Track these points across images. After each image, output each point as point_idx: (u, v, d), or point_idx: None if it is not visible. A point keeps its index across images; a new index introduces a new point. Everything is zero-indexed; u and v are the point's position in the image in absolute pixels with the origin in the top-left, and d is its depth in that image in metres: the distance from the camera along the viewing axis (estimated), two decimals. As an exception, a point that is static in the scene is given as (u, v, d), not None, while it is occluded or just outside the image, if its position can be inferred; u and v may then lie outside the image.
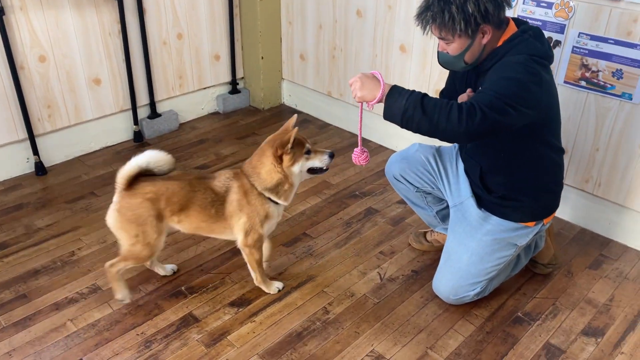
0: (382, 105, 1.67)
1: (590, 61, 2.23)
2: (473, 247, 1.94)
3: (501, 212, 1.93)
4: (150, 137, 3.23)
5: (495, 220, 1.93)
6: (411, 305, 2.05)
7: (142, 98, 3.16)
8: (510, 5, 1.70)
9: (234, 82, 3.57)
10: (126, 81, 3.04)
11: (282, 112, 3.63)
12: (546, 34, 2.32)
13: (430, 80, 2.82)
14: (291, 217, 2.54)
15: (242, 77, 3.65)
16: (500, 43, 1.73)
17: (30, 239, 2.36)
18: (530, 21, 2.35)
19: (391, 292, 2.11)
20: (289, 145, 1.83)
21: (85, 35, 2.81)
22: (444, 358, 1.84)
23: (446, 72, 2.10)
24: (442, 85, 2.74)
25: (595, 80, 2.24)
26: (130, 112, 3.13)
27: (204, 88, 3.47)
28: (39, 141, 2.82)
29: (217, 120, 3.49)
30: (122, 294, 1.97)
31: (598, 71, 2.22)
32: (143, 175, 1.85)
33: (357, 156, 1.83)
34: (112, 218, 1.86)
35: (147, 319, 1.97)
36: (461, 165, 2.05)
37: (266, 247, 2.14)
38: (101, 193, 2.70)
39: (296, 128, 1.85)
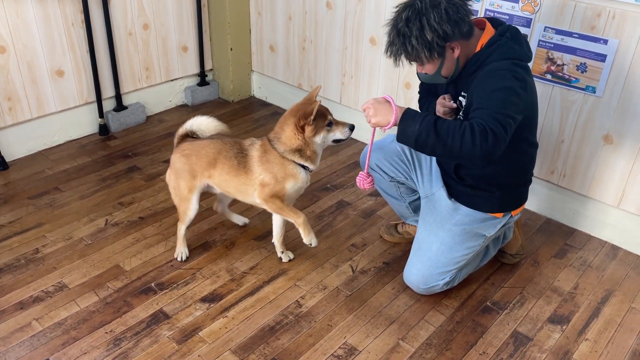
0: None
1: (556, 55, 2.27)
2: (442, 236, 1.97)
3: (471, 201, 1.96)
4: (116, 130, 3.15)
5: (464, 210, 1.96)
6: (383, 296, 2.07)
7: (108, 90, 3.08)
8: (471, 14, 1.72)
9: (202, 74, 3.52)
10: (90, 73, 2.95)
11: (251, 104, 3.59)
12: (513, 27, 2.35)
13: (400, 73, 2.83)
14: (262, 210, 2.53)
15: (211, 69, 3.60)
16: (478, 48, 1.74)
17: (-9, 237, 2.29)
18: (497, 15, 2.38)
19: (363, 285, 2.12)
20: (312, 117, 1.89)
21: (47, 25, 2.72)
22: (416, 348, 1.86)
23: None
24: (412, 78, 2.76)
25: (561, 74, 2.29)
26: (95, 105, 3.05)
27: (172, 80, 3.40)
28: (-1, 135, 2.72)
29: (186, 112, 3.43)
30: (178, 251, 2.21)
31: (563, 65, 2.27)
32: (190, 137, 2.13)
33: (362, 180, 1.90)
34: (167, 173, 2.16)
35: (115, 316, 1.93)
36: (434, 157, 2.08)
37: (278, 225, 2.19)
38: (66, 188, 2.63)
39: (319, 100, 1.93)
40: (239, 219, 2.41)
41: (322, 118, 1.95)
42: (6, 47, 2.61)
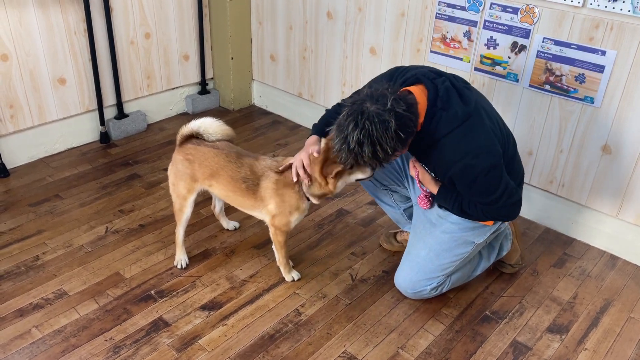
0: None
1: (554, 65, 2.29)
2: (431, 243, 1.99)
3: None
4: (117, 138, 3.16)
5: (454, 218, 1.97)
6: (382, 305, 2.07)
7: (109, 98, 3.10)
8: (415, 117, 1.67)
9: (203, 83, 3.54)
10: (92, 81, 2.97)
11: (252, 113, 3.61)
12: (512, 38, 2.38)
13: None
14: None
15: (212, 78, 3.62)
16: (419, 127, 1.72)
17: (-8, 244, 2.29)
18: (496, 25, 2.41)
19: (363, 293, 2.13)
20: (332, 175, 1.89)
21: (49, 33, 2.74)
22: (415, 357, 1.86)
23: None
24: (412, 87, 2.77)
25: (559, 84, 2.30)
26: (97, 113, 3.07)
27: (173, 88, 3.42)
28: (0, 142, 2.73)
29: (186, 121, 3.39)
30: (177, 259, 2.22)
31: (561, 75, 2.29)
32: (197, 139, 2.10)
33: (421, 201, 2.03)
34: (168, 168, 2.15)
35: (115, 324, 1.93)
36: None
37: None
38: (66, 195, 2.63)
39: (341, 166, 1.87)
40: (229, 224, 2.44)
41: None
42: (9, 55, 2.63)
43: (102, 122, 3.09)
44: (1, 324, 1.91)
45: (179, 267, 2.20)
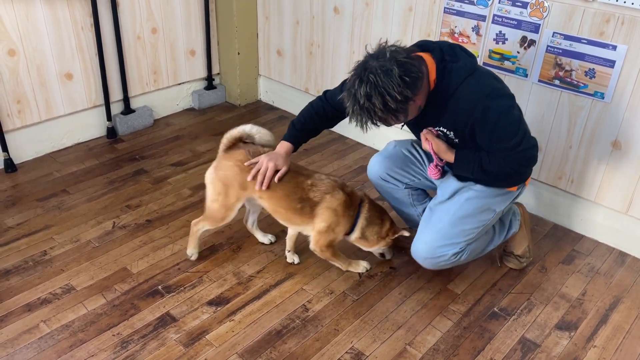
0: None
1: (564, 60, 2.27)
2: (454, 210, 1.98)
3: (484, 181, 1.97)
4: (124, 133, 3.16)
5: (478, 187, 1.98)
6: (390, 301, 2.06)
7: (116, 93, 3.10)
8: (419, 65, 1.72)
9: (209, 78, 3.53)
10: (99, 76, 2.97)
11: (258, 108, 3.60)
12: (521, 33, 2.36)
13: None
14: (269, 214, 2.52)
15: (218, 73, 3.61)
16: (432, 85, 1.77)
17: (0, 238, 2.29)
18: (505, 20, 2.39)
19: (370, 289, 2.12)
20: (396, 235, 2.11)
21: (56, 28, 2.74)
22: (423, 354, 1.85)
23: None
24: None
25: (569, 79, 2.28)
26: (103, 108, 3.07)
27: (179, 84, 3.42)
28: (8, 137, 2.73)
29: (193, 116, 3.45)
30: (191, 250, 2.18)
31: (571, 70, 2.26)
32: (244, 144, 2.05)
33: (431, 171, 2.02)
34: (209, 173, 2.06)
35: (123, 319, 1.93)
36: None
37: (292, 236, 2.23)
38: (73, 191, 2.64)
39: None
40: (265, 238, 2.33)
41: None
42: (16, 50, 2.63)
43: (109, 117, 3.09)
44: (9, 319, 1.91)
45: (192, 258, 2.19)
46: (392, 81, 1.63)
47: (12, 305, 1.97)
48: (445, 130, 1.89)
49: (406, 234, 2.11)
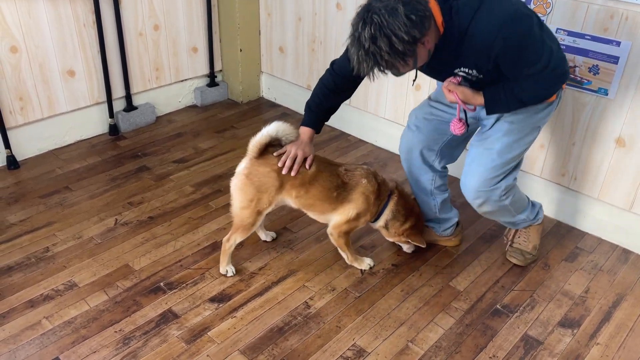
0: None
1: (568, 57, 2.26)
2: (502, 139, 1.91)
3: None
4: (126, 130, 3.16)
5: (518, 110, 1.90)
6: (392, 299, 2.06)
7: (118, 90, 3.10)
8: (426, 3, 1.63)
9: (212, 75, 3.53)
10: (101, 73, 2.97)
11: (260, 105, 3.60)
12: (524, 29, 2.34)
13: (410, 75, 2.82)
14: (272, 211, 2.52)
15: (221, 70, 3.60)
16: (442, 28, 1.68)
17: (2, 235, 2.30)
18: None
19: (372, 286, 2.12)
20: (405, 239, 2.18)
21: (58, 25, 2.73)
22: (425, 351, 1.85)
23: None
24: (422, 80, 2.75)
25: (572, 76, 2.27)
26: (106, 105, 3.07)
27: (182, 81, 3.41)
28: (10, 134, 2.74)
29: (195, 113, 3.44)
30: (225, 267, 2.13)
31: (575, 67, 2.25)
32: (272, 147, 1.99)
33: (455, 125, 1.91)
34: (237, 180, 1.99)
35: (125, 315, 1.93)
36: None
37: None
38: (76, 187, 2.64)
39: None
40: (267, 235, 2.34)
41: None
42: (18, 47, 2.63)
43: (111, 114, 3.09)
44: (12, 315, 1.92)
45: (229, 275, 2.13)
46: (398, 20, 1.53)
47: (14, 302, 1.97)
48: (467, 70, 1.80)
49: (422, 245, 2.14)
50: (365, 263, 2.19)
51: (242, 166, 1.99)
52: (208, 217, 2.46)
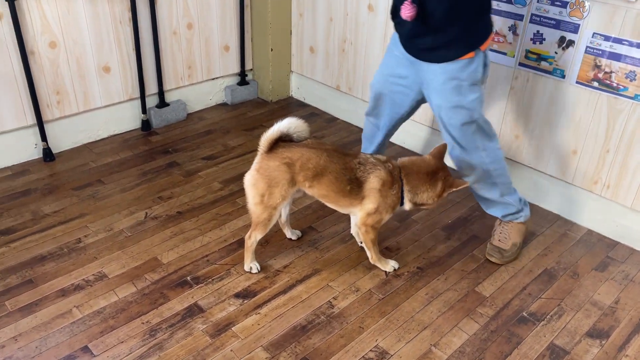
0: None
1: (604, 62, 2.21)
2: (442, 104, 2.02)
3: (441, 56, 1.97)
4: (158, 126, 3.22)
5: (441, 68, 1.99)
6: (416, 302, 2.05)
7: (151, 87, 3.16)
8: None
9: (242, 74, 3.56)
10: (135, 70, 3.03)
11: (289, 104, 3.62)
12: (560, 33, 2.31)
13: (441, 76, 2.80)
14: (297, 210, 2.54)
15: (251, 69, 3.64)
16: None
17: (37, 225, 2.37)
18: (543, 19, 2.34)
19: (396, 288, 2.11)
20: (450, 191, 2.05)
21: (96, 22, 2.80)
22: (448, 355, 1.84)
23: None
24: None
25: (608, 82, 2.22)
26: (139, 101, 3.13)
27: (213, 79, 3.46)
28: (47, 127, 2.82)
29: (225, 111, 3.49)
30: (249, 264, 2.15)
31: (611, 72, 2.20)
32: (282, 142, 2.00)
33: (406, 9, 1.93)
34: (249, 176, 2.01)
35: (152, 307, 1.97)
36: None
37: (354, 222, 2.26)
38: (108, 181, 2.70)
39: (467, 182, 2.09)
40: (293, 234, 2.34)
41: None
42: (57, 43, 2.71)
43: (144, 110, 3.15)
44: (44, 303, 1.97)
45: (253, 272, 2.15)
46: None
47: (46, 290, 2.03)
48: None
49: (464, 184, 2.06)
50: (390, 265, 2.19)
51: (254, 163, 2.02)
52: (235, 214, 2.49)
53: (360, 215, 2.06)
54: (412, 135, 3.06)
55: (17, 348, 1.79)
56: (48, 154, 2.84)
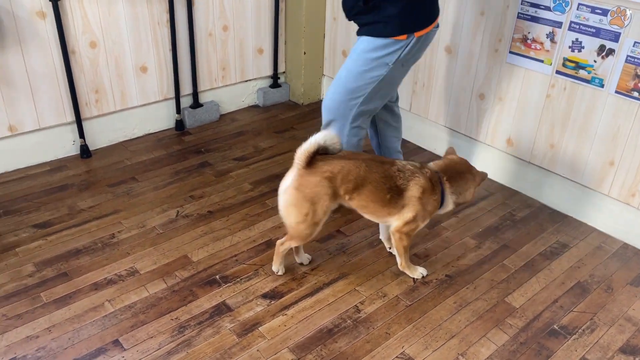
0: None
1: (645, 72, 2.16)
2: (350, 66, 2.15)
3: (372, 29, 2.06)
4: (191, 126, 3.28)
5: (366, 38, 2.09)
6: (444, 310, 2.03)
7: (186, 87, 3.21)
8: None
9: (275, 76, 3.59)
10: (171, 70, 3.09)
11: (320, 108, 3.62)
12: (599, 41, 2.26)
13: (475, 82, 2.77)
14: (326, 213, 2.54)
15: (284, 72, 3.67)
16: None
17: (73, 219, 2.43)
18: (582, 27, 2.29)
19: (424, 296, 2.09)
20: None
21: (135, 23, 2.87)
22: (475, 366, 1.81)
23: (495, 76, 2.06)
24: (488, 87, 2.70)
25: (649, 92, 2.16)
26: (174, 101, 3.19)
27: (246, 81, 3.50)
28: (85, 125, 2.90)
29: (257, 113, 3.52)
30: (277, 267, 2.15)
31: (653, 82, 2.15)
32: (318, 155, 1.94)
33: None
34: (288, 195, 1.93)
35: (181, 304, 2.01)
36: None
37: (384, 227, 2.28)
38: (142, 178, 2.76)
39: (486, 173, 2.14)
40: (304, 258, 2.23)
41: None
42: (97, 43, 2.79)
43: (178, 110, 3.21)
44: (77, 296, 2.03)
45: (279, 274, 2.15)
46: None
47: (80, 283, 2.08)
48: None
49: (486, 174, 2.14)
50: (418, 272, 2.17)
51: (290, 179, 1.92)
52: (264, 215, 2.51)
53: (397, 224, 2.04)
54: (444, 142, 3.03)
55: (50, 339, 1.84)
56: (85, 151, 2.91)
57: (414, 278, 2.17)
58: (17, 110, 2.67)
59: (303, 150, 1.88)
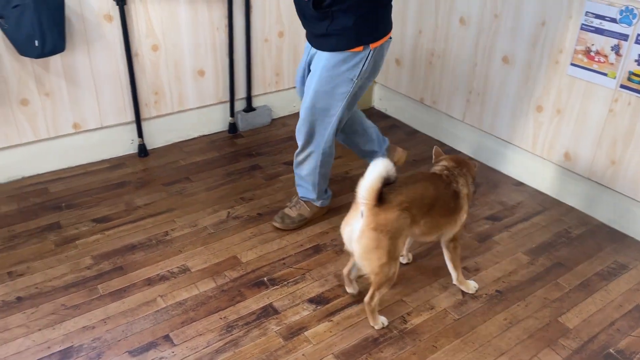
0: None
1: None
2: (315, 86, 2.14)
3: (329, 44, 2.05)
4: (244, 129, 3.34)
5: (326, 55, 2.08)
6: (493, 326, 1.98)
7: (240, 91, 3.28)
8: None
9: (327, 82, 3.61)
10: (227, 74, 3.16)
11: (370, 115, 3.62)
12: (670, 55, 2.16)
13: (533, 93, 2.71)
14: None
15: (336, 78, 3.68)
16: None
17: (129, 216, 2.52)
18: (652, 40, 2.20)
19: (473, 310, 2.05)
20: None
21: (194, 28, 2.96)
22: (525, 386, 1.76)
23: (554, 88, 2.00)
24: (544, 101, 2.63)
25: None
26: (228, 104, 3.26)
27: (299, 86, 3.53)
28: (144, 125, 3.00)
29: (308, 118, 3.54)
30: (378, 322, 1.95)
31: None
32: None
33: None
34: (366, 239, 1.75)
35: (230, 304, 2.04)
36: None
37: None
38: (195, 179, 2.83)
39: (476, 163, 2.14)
40: (354, 288, 2.10)
41: None
42: (159, 46, 2.88)
43: (232, 113, 3.27)
44: (132, 290, 2.10)
45: (385, 324, 1.96)
46: None
47: (134, 278, 2.15)
48: None
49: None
50: (472, 286, 2.13)
51: (363, 222, 1.74)
52: (313, 220, 2.53)
53: (455, 231, 2.01)
54: (496, 154, 2.97)
55: (105, 330, 1.91)
56: (143, 150, 3.02)
57: (464, 292, 2.13)
58: (81, 108, 2.79)
59: (369, 188, 1.68)
